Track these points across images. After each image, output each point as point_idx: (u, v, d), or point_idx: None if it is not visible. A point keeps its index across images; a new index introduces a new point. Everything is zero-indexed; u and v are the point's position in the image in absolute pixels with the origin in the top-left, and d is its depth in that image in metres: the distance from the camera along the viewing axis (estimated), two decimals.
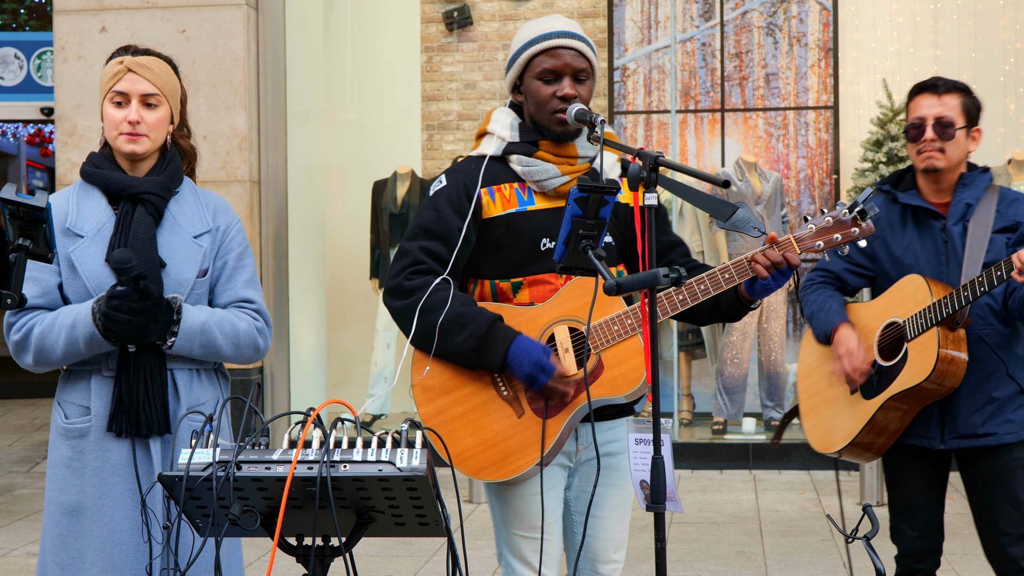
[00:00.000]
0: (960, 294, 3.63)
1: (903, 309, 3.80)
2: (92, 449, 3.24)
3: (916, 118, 3.85)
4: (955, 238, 3.82)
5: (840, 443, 3.93)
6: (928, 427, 3.85)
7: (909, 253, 3.87)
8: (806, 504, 7.68)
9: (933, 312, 3.69)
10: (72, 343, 3.17)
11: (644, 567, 5.75)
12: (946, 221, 3.84)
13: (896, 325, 3.82)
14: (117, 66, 3.33)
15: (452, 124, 10.25)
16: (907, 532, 3.94)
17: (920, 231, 3.87)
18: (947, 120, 3.80)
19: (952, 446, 3.84)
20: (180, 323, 3.20)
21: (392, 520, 2.59)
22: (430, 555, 6.38)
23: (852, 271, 4.01)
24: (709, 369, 9.78)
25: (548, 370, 3.15)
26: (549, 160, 3.31)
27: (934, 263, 3.84)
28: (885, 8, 10.14)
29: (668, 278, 2.62)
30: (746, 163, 9.34)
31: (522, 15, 10.07)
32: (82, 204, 3.32)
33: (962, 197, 3.85)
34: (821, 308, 3.96)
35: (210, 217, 3.39)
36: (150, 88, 3.32)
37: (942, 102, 3.82)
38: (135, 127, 3.29)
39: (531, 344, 3.18)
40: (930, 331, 3.70)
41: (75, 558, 3.22)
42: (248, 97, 8.46)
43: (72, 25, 8.53)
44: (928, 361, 3.70)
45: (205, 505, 2.54)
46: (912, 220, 3.89)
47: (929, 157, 3.81)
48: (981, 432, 3.81)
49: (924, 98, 3.85)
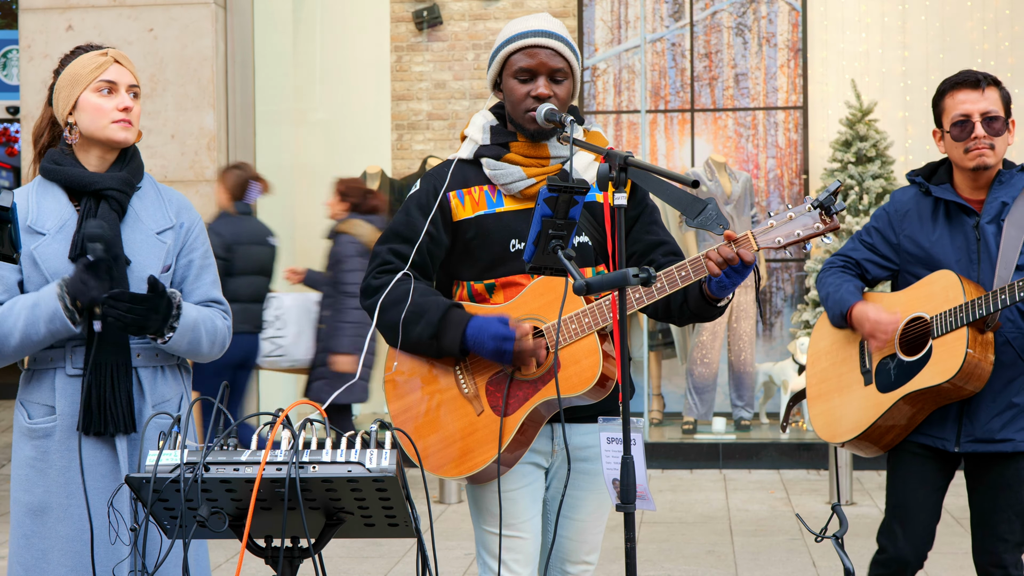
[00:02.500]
0: (997, 297, 3.56)
1: (931, 304, 3.70)
2: (58, 448, 3.21)
3: (960, 115, 3.72)
4: (988, 237, 3.73)
5: (848, 434, 3.83)
6: (943, 428, 3.75)
7: (938, 248, 3.77)
8: (776, 503, 7.71)
9: (965, 312, 3.60)
10: (32, 323, 3.13)
11: (614, 567, 5.76)
12: (980, 218, 3.75)
13: (922, 320, 3.72)
14: (100, 57, 3.31)
15: (422, 124, 10.23)
16: (899, 535, 3.81)
17: (951, 227, 3.78)
18: (993, 114, 3.71)
19: (967, 449, 3.74)
20: (180, 319, 3.20)
21: (362, 521, 2.58)
22: (400, 556, 6.37)
23: (874, 262, 3.91)
24: (679, 369, 9.80)
25: (509, 336, 3.13)
26: (519, 162, 3.31)
27: (964, 260, 3.74)
28: (854, 9, 10.19)
29: (637, 278, 2.61)
30: (716, 163, 9.37)
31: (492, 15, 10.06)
32: (42, 201, 3.29)
33: (998, 195, 3.75)
34: (837, 290, 3.86)
35: (173, 214, 3.37)
36: (133, 80, 3.35)
37: (985, 96, 3.72)
38: (128, 113, 3.29)
39: (486, 319, 3.18)
40: (959, 331, 3.61)
41: (39, 559, 3.20)
42: (216, 96, 8.42)
43: (38, 23, 8.47)
44: (954, 361, 3.60)
45: (173, 507, 2.52)
46: (944, 215, 3.80)
47: (981, 155, 3.71)
48: (999, 438, 3.71)
49: (964, 93, 3.73)
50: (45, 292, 3.14)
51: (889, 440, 3.81)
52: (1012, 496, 3.74)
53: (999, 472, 3.75)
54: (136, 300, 3.10)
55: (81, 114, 3.30)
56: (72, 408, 3.21)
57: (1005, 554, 3.75)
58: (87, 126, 3.29)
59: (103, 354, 3.20)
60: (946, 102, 3.78)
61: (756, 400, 9.54)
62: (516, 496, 3.29)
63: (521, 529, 3.31)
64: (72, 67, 3.32)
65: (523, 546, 3.31)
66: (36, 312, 3.13)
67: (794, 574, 6.03)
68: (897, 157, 9.61)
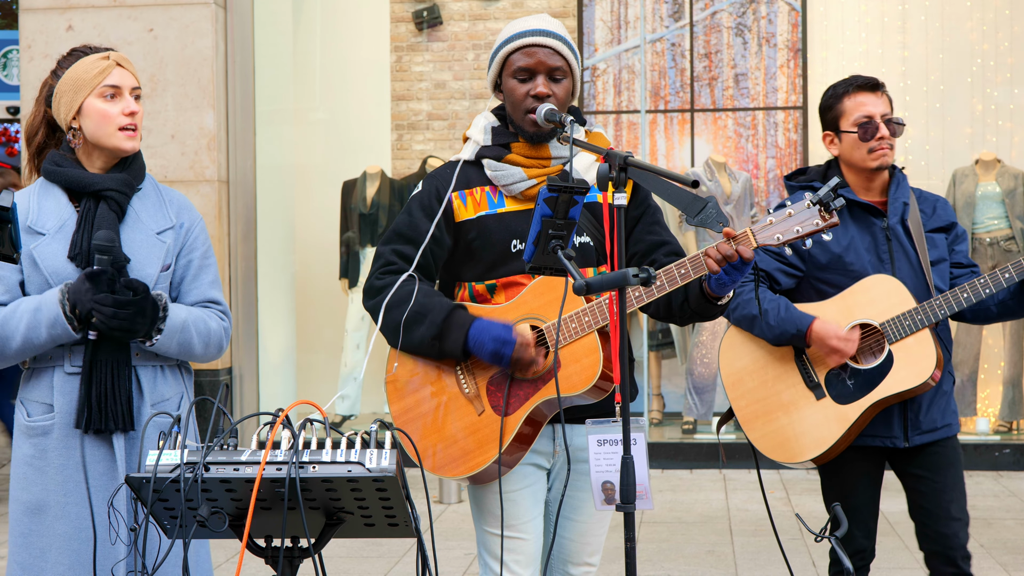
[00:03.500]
0: (959, 296, 3.67)
1: (875, 310, 3.73)
2: (56, 447, 3.22)
3: (863, 116, 3.83)
4: (900, 236, 3.82)
5: (811, 451, 3.79)
6: (890, 427, 3.82)
7: (850, 252, 3.81)
8: (775, 503, 7.71)
9: (925, 314, 3.69)
10: (34, 327, 3.14)
11: (614, 567, 5.76)
12: (888, 219, 3.84)
13: (868, 327, 3.77)
14: (103, 61, 3.30)
15: (422, 124, 10.22)
16: (856, 533, 3.91)
17: (860, 229, 3.83)
18: (892, 117, 3.86)
19: (916, 442, 3.84)
20: (166, 321, 3.20)
21: (362, 521, 2.58)
22: (400, 556, 6.37)
23: (783, 271, 3.88)
24: (679, 369, 9.80)
25: (510, 341, 3.14)
26: (520, 163, 3.31)
27: (875, 261, 3.80)
28: (853, 9, 10.19)
29: (637, 278, 2.62)
30: (716, 163, 9.36)
31: (492, 15, 10.06)
32: (43, 202, 3.29)
33: (898, 196, 3.87)
34: (775, 307, 3.79)
35: (173, 214, 3.38)
36: (135, 82, 3.35)
37: (881, 99, 3.87)
38: (134, 118, 3.30)
39: (489, 323, 3.18)
40: (921, 332, 3.70)
41: (37, 557, 3.20)
42: (216, 96, 8.41)
43: (38, 23, 8.47)
44: (927, 361, 3.69)
45: (173, 507, 2.53)
46: (850, 218, 3.84)
47: (884, 154, 3.84)
48: (940, 425, 3.86)
49: (864, 95, 3.86)
50: (47, 297, 3.15)
51: (841, 449, 3.82)
52: (955, 473, 3.88)
53: (939, 454, 3.87)
54: (120, 305, 3.10)
55: (86, 120, 3.29)
56: (70, 406, 3.22)
57: (961, 533, 3.84)
58: (93, 132, 3.29)
59: (102, 352, 3.21)
60: (845, 104, 3.87)
61: None
62: (517, 497, 3.30)
63: (522, 530, 3.31)
64: (74, 71, 3.30)
65: (524, 547, 3.32)
66: (38, 316, 3.14)
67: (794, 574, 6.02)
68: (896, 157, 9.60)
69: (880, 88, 3.89)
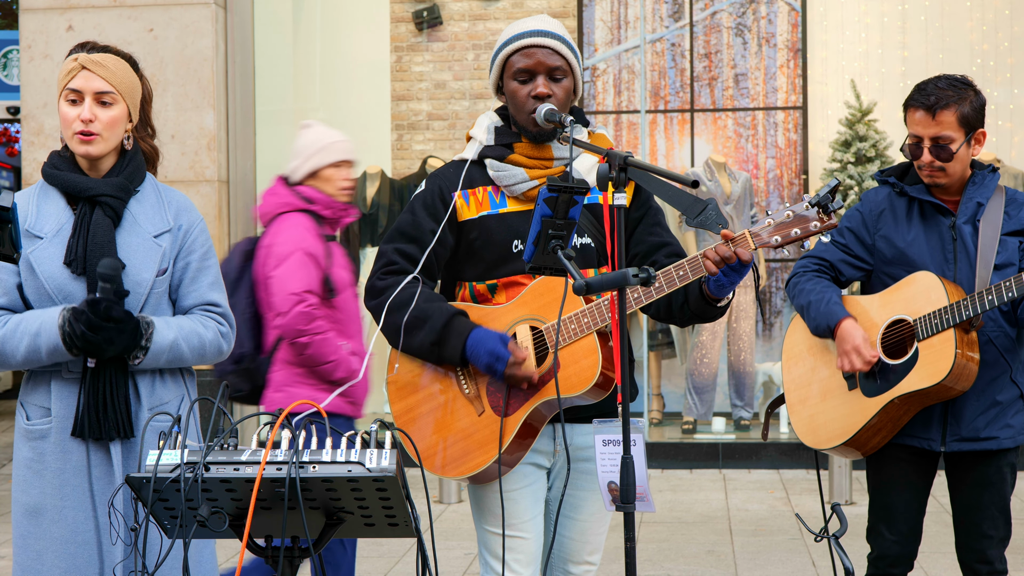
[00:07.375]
0: (984, 298, 3.55)
1: (912, 307, 3.68)
2: (53, 451, 3.21)
3: (913, 136, 3.73)
4: (966, 236, 3.72)
5: (835, 440, 3.79)
6: (928, 428, 3.74)
7: (914, 248, 3.76)
8: (775, 503, 7.71)
9: (951, 313, 3.58)
10: (34, 351, 3.16)
11: (614, 566, 5.76)
12: (956, 218, 3.74)
13: (904, 323, 3.71)
14: (71, 63, 3.27)
15: (422, 124, 10.23)
16: (886, 536, 3.84)
17: (927, 226, 3.76)
18: (944, 141, 3.67)
19: (953, 449, 3.74)
20: (150, 343, 3.20)
21: (362, 520, 2.58)
22: (400, 555, 6.37)
23: (848, 263, 3.87)
24: (679, 369, 9.80)
25: (503, 358, 3.14)
26: (522, 163, 3.31)
27: (940, 260, 3.73)
28: (853, 9, 10.19)
29: (637, 278, 2.62)
30: (715, 163, 9.36)
31: (492, 15, 10.06)
32: (42, 205, 3.28)
33: (973, 196, 3.74)
34: (820, 299, 3.79)
35: (171, 216, 3.35)
36: (104, 86, 3.25)
37: (936, 122, 3.66)
38: (88, 126, 3.22)
39: (487, 334, 3.19)
40: (946, 332, 3.60)
41: (34, 559, 3.20)
42: (217, 96, 8.42)
43: (38, 24, 8.47)
44: (944, 363, 3.59)
45: (173, 507, 2.53)
46: (919, 214, 3.78)
47: (931, 176, 3.72)
48: (983, 436, 3.73)
49: (918, 114, 3.71)
50: (47, 323, 3.14)
51: (874, 444, 3.79)
52: (995, 493, 3.77)
53: (982, 470, 3.77)
54: (93, 327, 3.10)
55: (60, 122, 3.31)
56: (68, 411, 3.21)
57: (990, 550, 3.78)
58: (62, 134, 3.30)
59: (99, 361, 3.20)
60: (907, 116, 3.77)
61: (756, 400, 9.53)
62: (517, 496, 3.30)
63: (523, 529, 3.31)
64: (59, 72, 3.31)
65: (524, 546, 3.32)
66: (37, 341, 3.15)
67: (794, 574, 6.03)
68: (897, 157, 9.61)
69: (936, 109, 3.66)
